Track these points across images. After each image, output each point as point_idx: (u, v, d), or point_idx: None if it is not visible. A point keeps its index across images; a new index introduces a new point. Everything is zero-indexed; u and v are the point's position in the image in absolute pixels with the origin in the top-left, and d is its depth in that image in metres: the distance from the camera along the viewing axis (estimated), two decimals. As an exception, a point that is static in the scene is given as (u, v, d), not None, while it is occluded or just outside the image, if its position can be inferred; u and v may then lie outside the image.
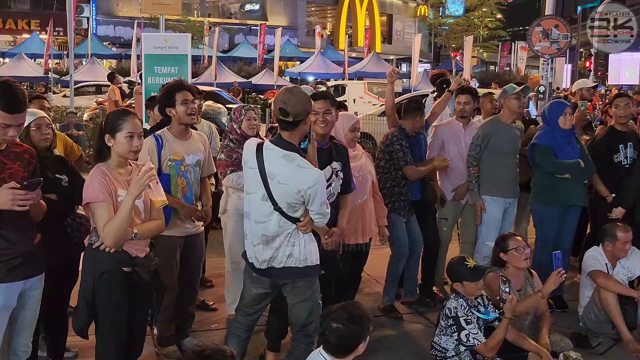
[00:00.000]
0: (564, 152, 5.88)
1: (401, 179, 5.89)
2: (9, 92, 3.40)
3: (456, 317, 4.43)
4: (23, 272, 3.58)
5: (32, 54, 33.85)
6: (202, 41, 37.45)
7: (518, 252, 4.97)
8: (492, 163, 6.04)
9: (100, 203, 3.61)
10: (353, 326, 3.22)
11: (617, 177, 6.15)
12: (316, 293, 4.15)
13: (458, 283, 4.53)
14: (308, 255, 4.03)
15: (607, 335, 5.52)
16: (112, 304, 3.68)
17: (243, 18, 47.97)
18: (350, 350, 3.26)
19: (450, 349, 4.48)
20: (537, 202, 6.10)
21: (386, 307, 6.03)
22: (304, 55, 39.63)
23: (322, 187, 3.90)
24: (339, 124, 5.14)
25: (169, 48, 9.15)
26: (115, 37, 43.07)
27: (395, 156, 5.86)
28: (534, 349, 4.60)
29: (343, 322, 3.22)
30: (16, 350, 3.79)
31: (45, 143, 4.40)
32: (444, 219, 6.45)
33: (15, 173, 3.54)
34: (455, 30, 46.57)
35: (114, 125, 3.70)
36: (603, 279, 5.49)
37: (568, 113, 5.89)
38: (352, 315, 3.24)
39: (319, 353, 3.31)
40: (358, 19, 50.47)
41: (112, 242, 3.60)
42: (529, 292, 5.05)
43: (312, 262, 4.06)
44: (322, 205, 3.92)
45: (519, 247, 4.98)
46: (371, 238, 5.38)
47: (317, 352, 3.35)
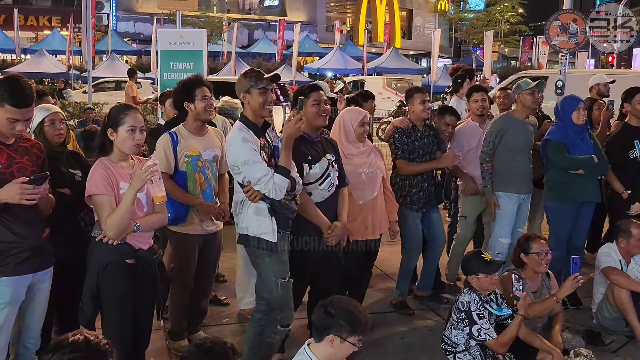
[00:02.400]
0: (577, 148, 5.81)
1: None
2: (17, 87, 3.44)
3: (469, 311, 4.41)
4: (32, 265, 3.63)
5: (53, 50, 34.21)
6: (221, 37, 37.60)
7: (540, 257, 4.90)
8: (506, 159, 5.99)
9: (102, 196, 3.65)
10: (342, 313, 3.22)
11: (633, 173, 6.09)
12: (266, 270, 4.22)
13: (473, 276, 4.51)
14: (250, 225, 4.18)
15: (621, 333, 5.47)
16: (117, 295, 3.72)
17: (262, 14, 48.07)
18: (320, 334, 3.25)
19: (461, 344, 4.45)
20: (551, 199, 6.05)
21: (398, 303, 6.02)
22: (323, 51, 39.62)
23: (241, 150, 4.07)
24: (347, 119, 5.14)
25: (184, 44, 9.22)
26: (135, 33, 43.38)
27: (391, 148, 5.86)
28: (546, 348, 4.56)
29: (321, 306, 3.26)
30: (25, 342, 3.85)
31: (59, 138, 4.45)
32: (463, 217, 6.41)
33: (24, 167, 3.58)
34: (475, 25, 46.24)
35: (115, 119, 3.75)
36: (616, 275, 5.44)
37: (582, 108, 5.82)
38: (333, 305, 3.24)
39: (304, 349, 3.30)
40: (378, 14, 50.37)
41: (113, 234, 3.64)
42: (545, 294, 4.99)
43: (253, 233, 4.17)
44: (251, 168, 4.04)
45: (542, 252, 4.90)
46: (382, 234, 5.37)
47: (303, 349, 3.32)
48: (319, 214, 4.53)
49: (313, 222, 4.53)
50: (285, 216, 4.19)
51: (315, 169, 4.53)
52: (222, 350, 2.53)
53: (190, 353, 2.59)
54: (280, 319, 4.27)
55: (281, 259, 4.22)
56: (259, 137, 4.19)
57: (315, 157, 4.55)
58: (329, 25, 47.65)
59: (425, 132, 5.93)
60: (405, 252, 5.98)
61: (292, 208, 4.19)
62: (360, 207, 5.10)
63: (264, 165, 4.06)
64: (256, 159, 4.07)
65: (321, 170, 4.54)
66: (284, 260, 4.24)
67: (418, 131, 5.87)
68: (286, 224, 4.25)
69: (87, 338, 2.37)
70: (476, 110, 6.37)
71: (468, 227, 6.43)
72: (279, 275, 4.20)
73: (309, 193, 4.53)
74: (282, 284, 4.20)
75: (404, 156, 5.79)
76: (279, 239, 4.18)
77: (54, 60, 32.81)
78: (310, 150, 4.56)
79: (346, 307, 3.25)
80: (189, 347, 2.64)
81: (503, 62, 51.77)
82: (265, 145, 4.20)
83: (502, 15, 45.93)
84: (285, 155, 4.10)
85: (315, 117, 4.54)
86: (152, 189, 3.68)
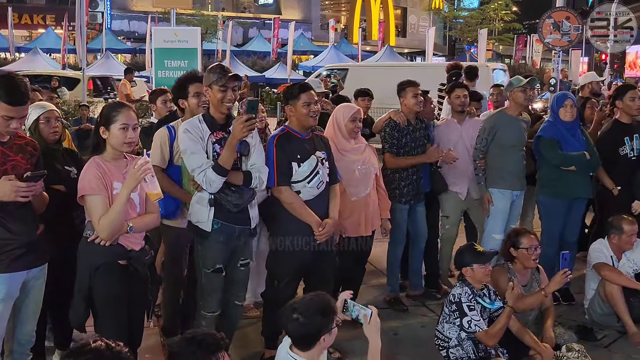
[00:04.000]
0: (569, 144, 5.84)
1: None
2: (12, 85, 3.46)
3: (459, 302, 4.44)
4: (26, 262, 3.64)
5: (47, 48, 34.05)
6: (215, 35, 37.52)
7: (529, 252, 4.94)
8: (499, 156, 6.02)
9: (95, 196, 3.64)
10: (314, 317, 3.05)
11: (623, 169, 6.11)
12: (197, 258, 4.30)
13: (467, 268, 4.54)
14: (192, 212, 4.29)
15: (613, 328, 5.51)
16: (110, 296, 3.71)
17: (257, 12, 47.98)
18: (311, 343, 3.09)
19: (453, 338, 4.49)
20: (543, 195, 6.08)
21: (391, 300, 6.05)
22: (318, 49, 39.60)
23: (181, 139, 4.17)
24: (339, 115, 5.17)
25: (178, 42, 9.26)
26: (130, 31, 43.23)
27: (381, 141, 5.89)
28: (534, 346, 4.57)
29: (302, 313, 3.05)
30: (20, 339, 3.87)
31: (54, 136, 4.47)
32: (445, 217, 6.43)
33: (18, 165, 3.60)
34: (470, 23, 46.28)
35: (108, 117, 3.72)
36: (608, 271, 5.48)
37: (569, 105, 5.85)
38: (312, 305, 3.08)
39: (285, 348, 3.19)
40: (372, 12, 50.33)
41: (107, 234, 3.63)
42: (535, 288, 5.03)
43: (192, 220, 4.28)
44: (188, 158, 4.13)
45: (531, 247, 4.95)
46: (374, 231, 5.40)
47: (282, 346, 3.24)
48: (309, 212, 4.55)
49: (304, 221, 4.55)
50: (228, 209, 4.20)
51: (304, 167, 4.54)
52: (214, 342, 2.53)
53: (181, 347, 2.57)
54: (201, 305, 4.36)
55: (213, 249, 4.25)
56: (215, 131, 4.21)
57: (304, 155, 4.56)
58: (323, 24, 47.64)
59: (417, 125, 5.97)
60: (391, 243, 6.04)
61: (232, 201, 4.18)
62: (353, 204, 5.13)
63: (201, 157, 4.09)
64: (194, 149, 4.11)
65: (309, 168, 4.55)
66: (215, 251, 4.26)
67: (410, 124, 5.90)
68: (229, 216, 4.22)
69: (109, 345, 2.34)
70: (457, 106, 6.30)
71: (452, 226, 6.41)
72: (206, 265, 4.26)
73: (297, 191, 4.55)
74: (206, 273, 4.27)
75: (391, 150, 5.83)
76: (217, 230, 4.20)
77: (48, 58, 32.66)
78: (300, 148, 4.58)
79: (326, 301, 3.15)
80: (179, 340, 2.60)
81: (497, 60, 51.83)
82: (224, 139, 4.19)
83: (496, 14, 45.97)
84: (226, 154, 4.09)
85: (305, 118, 4.57)
86: (146, 187, 3.66)
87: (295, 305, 3.10)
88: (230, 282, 4.42)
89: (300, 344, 3.11)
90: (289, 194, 4.53)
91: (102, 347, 2.32)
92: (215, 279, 4.30)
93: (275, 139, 4.59)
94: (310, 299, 3.14)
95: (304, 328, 3.06)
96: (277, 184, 4.54)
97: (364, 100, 7.64)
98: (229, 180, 4.13)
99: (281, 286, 4.68)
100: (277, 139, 4.59)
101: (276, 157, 4.52)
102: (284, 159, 4.51)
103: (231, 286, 4.45)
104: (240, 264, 4.41)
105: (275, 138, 4.60)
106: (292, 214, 4.55)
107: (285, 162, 4.51)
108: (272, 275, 4.79)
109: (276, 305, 4.24)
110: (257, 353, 4.97)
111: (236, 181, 4.18)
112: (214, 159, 4.13)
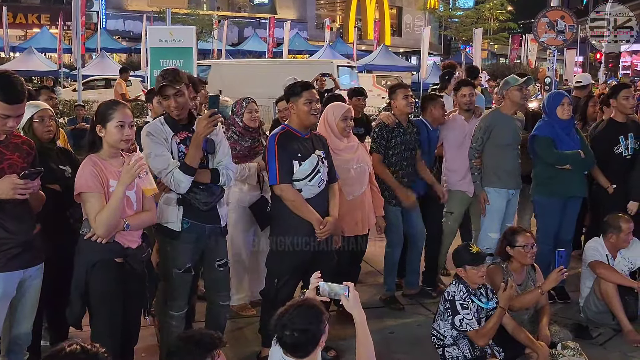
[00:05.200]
0: (564, 143, 5.87)
1: (393, 166, 5.87)
2: (8, 83, 3.46)
3: (453, 300, 4.46)
4: (22, 261, 3.64)
5: (42, 48, 33.94)
6: (211, 35, 37.45)
7: (525, 250, 4.96)
8: (494, 155, 6.03)
9: (91, 193, 3.65)
10: (306, 328, 2.93)
11: (618, 168, 6.13)
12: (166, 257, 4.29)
13: (461, 268, 4.55)
14: (160, 213, 4.22)
15: (608, 326, 5.53)
16: (106, 294, 3.73)
17: (252, 11, 47.89)
18: (311, 350, 2.99)
19: (448, 336, 4.50)
20: (538, 193, 6.10)
21: (388, 298, 6.06)
22: (313, 49, 39.53)
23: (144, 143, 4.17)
24: (330, 114, 5.19)
25: (174, 41, 9.24)
26: (125, 31, 43.12)
27: (371, 141, 5.91)
28: (530, 344, 4.60)
29: (293, 328, 2.91)
30: (17, 339, 3.86)
31: (48, 135, 4.48)
32: (449, 212, 6.45)
33: (15, 164, 3.60)
34: (465, 23, 46.28)
35: (104, 115, 3.74)
36: (603, 269, 5.50)
37: (566, 103, 5.87)
38: (301, 316, 2.94)
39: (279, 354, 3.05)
40: (367, 11, 50.32)
41: (103, 232, 3.65)
42: (530, 286, 5.05)
43: (161, 221, 4.22)
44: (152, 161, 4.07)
45: (527, 245, 4.96)
46: (369, 229, 5.41)
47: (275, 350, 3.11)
48: (310, 210, 4.57)
49: (304, 220, 4.57)
50: (198, 208, 4.22)
51: (305, 165, 4.56)
52: (211, 341, 2.54)
53: (178, 347, 2.57)
54: (170, 305, 4.36)
55: (183, 249, 4.25)
56: (179, 132, 4.22)
57: (305, 153, 4.58)
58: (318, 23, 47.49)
59: (409, 128, 5.97)
60: (388, 245, 6.04)
61: (201, 200, 4.20)
62: (349, 202, 5.15)
63: (165, 159, 4.10)
64: (158, 152, 4.12)
65: (311, 167, 4.57)
66: (186, 251, 4.26)
67: (401, 127, 5.90)
68: (199, 215, 4.24)
69: (84, 348, 2.33)
70: (464, 104, 6.32)
71: (454, 221, 6.45)
72: (176, 265, 4.26)
73: (298, 189, 4.57)
74: (176, 273, 4.26)
75: (379, 151, 5.83)
76: (186, 230, 4.21)
77: (43, 58, 32.56)
78: (300, 147, 4.60)
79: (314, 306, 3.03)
80: (176, 340, 2.60)
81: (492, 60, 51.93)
82: (188, 138, 4.21)
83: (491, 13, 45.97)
84: (192, 153, 4.10)
85: (307, 116, 4.60)
86: (141, 183, 3.68)
87: (283, 321, 2.95)
88: (210, 283, 4.47)
89: (299, 354, 2.98)
90: (291, 191, 4.54)
91: (77, 351, 2.32)
92: (186, 278, 4.30)
93: (276, 137, 4.60)
94: (297, 312, 2.97)
95: (300, 341, 2.93)
96: (279, 182, 4.54)
97: (359, 99, 7.65)
98: (196, 179, 4.12)
99: (280, 284, 4.69)
100: (278, 137, 4.60)
101: (278, 155, 4.53)
102: (285, 157, 4.52)
103: (213, 287, 4.49)
104: (217, 264, 4.42)
105: (276, 136, 4.62)
106: (292, 212, 4.55)
107: (287, 160, 4.52)
108: (272, 273, 4.80)
109: (275, 303, 4.26)
110: (254, 351, 4.98)
111: (204, 179, 4.18)
112: (179, 159, 4.13)
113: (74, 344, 2.34)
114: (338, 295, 3.24)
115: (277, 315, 3.02)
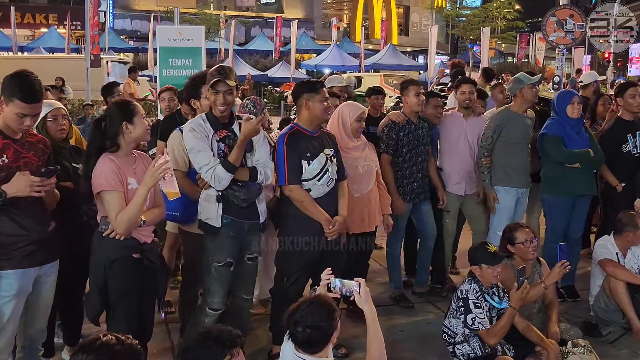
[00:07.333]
0: (573, 142, 5.87)
1: (402, 163, 5.89)
2: (26, 83, 3.51)
3: (466, 298, 4.46)
4: (38, 258, 3.68)
5: (50, 48, 34.04)
6: (218, 34, 37.49)
7: (525, 245, 4.94)
8: (504, 153, 6.04)
9: (112, 192, 3.70)
10: (318, 324, 2.98)
11: (626, 166, 6.14)
12: (207, 253, 4.35)
13: (476, 267, 4.55)
14: (201, 210, 4.37)
15: (618, 324, 5.52)
16: (125, 290, 3.78)
17: (259, 11, 47.93)
18: (322, 347, 3.04)
19: (459, 334, 4.50)
20: (547, 192, 6.10)
21: (397, 297, 6.07)
22: (320, 48, 39.55)
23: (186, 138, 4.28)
24: (345, 113, 5.21)
25: (183, 40, 9.26)
26: (132, 30, 43.23)
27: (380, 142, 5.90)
28: (540, 342, 4.59)
29: (306, 324, 2.97)
30: (31, 335, 3.90)
31: (61, 134, 4.51)
32: (446, 211, 6.45)
33: (30, 162, 3.64)
34: (472, 22, 46.19)
35: (128, 112, 3.80)
36: (612, 267, 5.49)
37: (576, 102, 5.87)
38: (313, 313, 2.99)
39: (290, 350, 3.09)
40: (374, 10, 50.31)
41: (123, 229, 3.71)
42: (536, 280, 5.04)
43: (202, 218, 4.37)
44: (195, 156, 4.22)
45: (527, 240, 4.94)
46: (377, 227, 5.43)
47: (286, 346, 3.15)
48: (319, 209, 4.59)
49: (312, 219, 4.59)
50: (237, 204, 4.28)
51: (314, 164, 4.58)
52: (230, 338, 2.53)
53: (196, 341, 2.54)
54: (209, 302, 4.39)
55: (223, 244, 4.32)
56: (219, 130, 4.29)
57: (314, 152, 4.60)
58: (325, 22, 47.50)
59: (419, 124, 5.98)
60: (389, 243, 6.08)
61: (240, 197, 4.26)
62: (356, 200, 5.17)
63: (208, 155, 4.18)
64: (200, 147, 4.20)
65: (319, 166, 4.59)
66: (226, 245, 4.32)
67: (412, 124, 5.91)
68: (239, 211, 4.31)
69: (119, 338, 2.33)
70: (462, 102, 6.27)
71: (451, 220, 6.43)
72: (217, 259, 4.32)
73: (307, 189, 4.59)
74: (216, 267, 4.32)
75: (387, 151, 5.84)
76: (226, 225, 4.28)
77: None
78: (309, 146, 4.62)
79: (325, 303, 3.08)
80: (195, 335, 2.59)
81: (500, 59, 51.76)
82: (227, 137, 4.30)
83: (498, 12, 45.88)
84: (236, 152, 4.20)
85: (323, 113, 4.64)
86: (165, 186, 3.73)
87: (296, 317, 3.01)
88: (237, 276, 4.47)
89: (311, 350, 3.04)
90: (300, 192, 4.57)
91: (112, 341, 2.32)
92: (225, 272, 4.34)
93: (285, 138, 4.62)
94: (309, 308, 3.03)
95: (312, 337, 3.00)
96: (288, 182, 4.57)
97: (377, 98, 7.55)
98: (235, 177, 4.20)
99: (289, 283, 4.72)
100: (287, 138, 4.62)
101: (287, 155, 4.56)
102: (294, 157, 4.55)
103: (238, 280, 4.50)
104: (247, 258, 4.47)
105: (285, 136, 4.64)
106: (300, 212, 4.58)
107: (296, 160, 4.55)
108: (281, 272, 4.83)
109: (284, 301, 4.28)
110: (265, 349, 5.00)
111: (243, 177, 4.25)
112: (218, 156, 4.21)
113: (109, 334, 2.35)
114: (350, 290, 3.26)
115: (289, 311, 3.06)
